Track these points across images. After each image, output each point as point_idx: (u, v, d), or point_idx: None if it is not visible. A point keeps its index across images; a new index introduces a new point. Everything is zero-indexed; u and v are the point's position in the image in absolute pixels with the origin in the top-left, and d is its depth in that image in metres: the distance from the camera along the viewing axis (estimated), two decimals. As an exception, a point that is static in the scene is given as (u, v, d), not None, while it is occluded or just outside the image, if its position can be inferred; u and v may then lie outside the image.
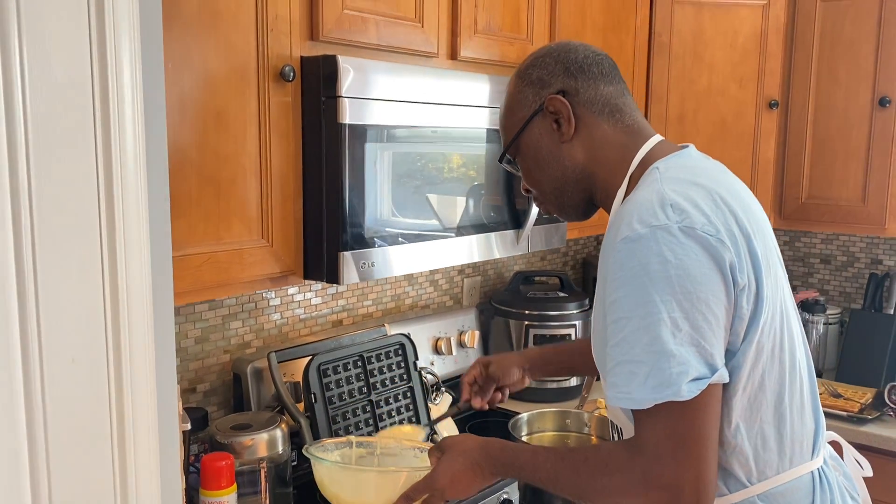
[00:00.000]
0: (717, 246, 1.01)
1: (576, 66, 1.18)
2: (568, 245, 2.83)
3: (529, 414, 1.94)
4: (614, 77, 1.20)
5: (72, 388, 0.64)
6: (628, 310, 1.01)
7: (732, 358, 1.05)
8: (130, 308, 0.71)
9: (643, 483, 1.02)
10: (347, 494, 1.26)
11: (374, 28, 1.54)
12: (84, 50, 0.65)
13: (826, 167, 2.44)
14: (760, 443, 1.09)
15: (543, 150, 1.20)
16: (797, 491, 1.12)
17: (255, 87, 1.36)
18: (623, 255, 1.02)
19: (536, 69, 1.20)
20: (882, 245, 2.72)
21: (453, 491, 1.18)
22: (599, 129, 1.18)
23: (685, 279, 0.99)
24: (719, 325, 1.01)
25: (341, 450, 1.38)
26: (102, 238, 0.68)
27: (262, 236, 1.41)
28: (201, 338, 1.72)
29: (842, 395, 2.33)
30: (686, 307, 0.99)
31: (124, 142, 0.69)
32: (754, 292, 1.05)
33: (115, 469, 0.70)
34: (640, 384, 1.00)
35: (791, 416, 1.11)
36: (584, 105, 1.17)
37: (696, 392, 0.98)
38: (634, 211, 1.04)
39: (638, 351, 1.00)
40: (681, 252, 0.99)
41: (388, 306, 2.17)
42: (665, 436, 1.00)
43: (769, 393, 1.09)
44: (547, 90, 1.18)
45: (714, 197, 1.06)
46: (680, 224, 1.00)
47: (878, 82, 2.32)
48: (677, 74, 2.42)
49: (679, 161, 1.14)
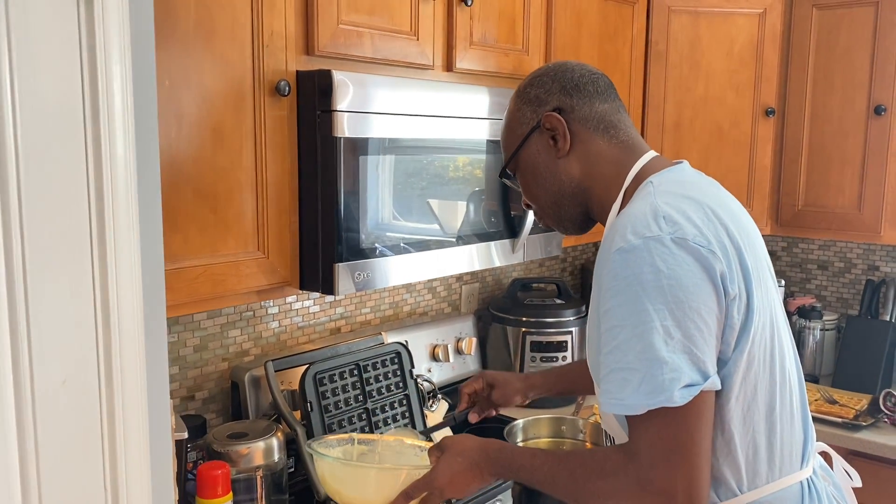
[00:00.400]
0: (708, 257, 1.03)
1: (571, 85, 1.22)
2: (566, 252, 2.85)
3: (525, 420, 1.96)
4: (609, 95, 1.24)
5: (63, 409, 0.66)
6: (622, 318, 1.04)
7: (724, 366, 1.07)
8: (122, 327, 0.73)
9: (637, 487, 1.04)
10: (348, 490, 1.28)
11: (369, 41, 1.56)
12: (75, 68, 0.67)
13: (822, 174, 2.46)
14: (752, 451, 1.11)
15: (541, 165, 1.24)
16: (786, 500, 1.13)
17: (251, 102, 1.39)
18: (617, 266, 1.05)
19: (534, 88, 1.25)
20: (879, 252, 2.73)
21: (451, 490, 1.22)
22: (594, 145, 1.21)
23: (677, 288, 1.01)
24: (710, 333, 1.04)
25: (343, 446, 1.41)
26: (94, 257, 0.70)
27: (258, 248, 1.43)
28: (200, 346, 1.75)
29: (837, 402, 2.34)
30: (678, 316, 1.01)
31: (114, 158, 0.71)
32: (745, 303, 1.07)
33: (107, 487, 0.72)
34: (634, 390, 1.02)
35: (781, 426, 1.13)
36: (579, 122, 1.21)
37: (688, 398, 1.00)
38: (629, 223, 1.07)
39: (631, 358, 1.02)
40: (673, 262, 1.02)
41: (386, 314, 2.19)
42: (658, 441, 1.03)
43: (761, 403, 1.11)
44: (543, 108, 1.23)
45: (706, 210, 1.09)
46: (672, 235, 1.03)
47: (873, 90, 2.34)
48: (674, 83, 2.44)
49: (672, 176, 1.17)
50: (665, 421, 1.02)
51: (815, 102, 2.44)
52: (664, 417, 1.02)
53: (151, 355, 0.82)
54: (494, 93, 1.78)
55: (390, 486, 1.24)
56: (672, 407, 1.01)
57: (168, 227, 1.30)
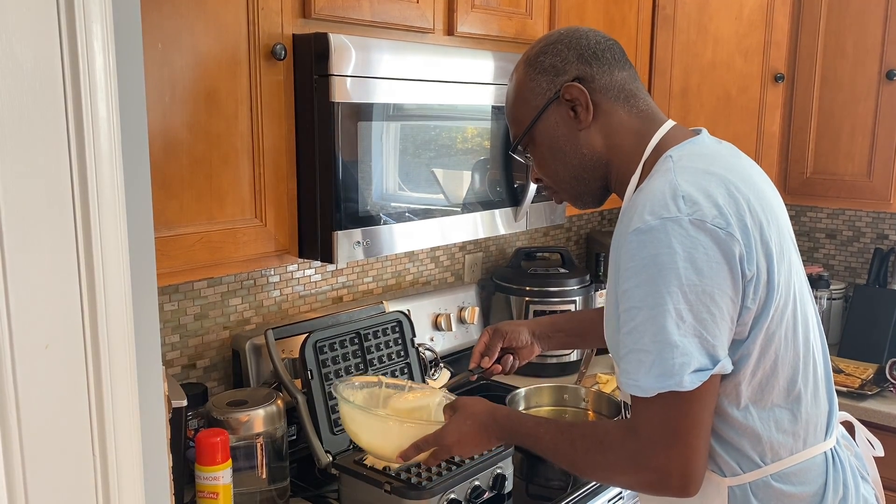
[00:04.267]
0: (726, 239, 1.02)
1: (589, 53, 1.18)
2: (571, 221, 2.82)
3: (527, 389, 1.96)
4: (625, 63, 1.21)
5: (46, 375, 0.65)
6: (638, 300, 1.04)
7: (741, 346, 1.08)
8: (108, 291, 0.71)
9: (633, 463, 1.06)
10: (364, 435, 1.36)
11: (367, 4, 1.53)
12: (52, 26, 0.65)
13: (831, 141, 2.41)
14: (774, 425, 1.12)
15: (560, 138, 1.20)
16: (810, 471, 1.14)
17: (247, 67, 1.36)
18: (634, 246, 1.04)
19: (549, 56, 1.19)
20: (888, 220, 2.69)
21: (459, 449, 1.26)
22: (616, 116, 1.18)
23: (692, 272, 1.01)
24: (723, 317, 1.03)
25: (370, 388, 1.46)
26: (76, 219, 0.68)
27: (256, 216, 1.42)
28: (200, 315, 1.74)
29: (843, 371, 2.32)
30: (691, 299, 1.01)
31: (97, 120, 0.69)
32: (765, 281, 1.06)
33: (96, 454, 0.71)
34: (646, 373, 1.03)
35: (805, 399, 1.14)
36: (600, 91, 1.17)
37: (697, 383, 1.01)
38: (647, 202, 1.05)
39: (646, 340, 1.03)
40: (689, 245, 1.01)
41: (388, 283, 2.18)
42: (660, 422, 1.04)
43: (781, 378, 1.11)
44: (562, 77, 1.18)
45: (728, 186, 1.07)
46: (691, 217, 1.02)
47: (885, 55, 2.28)
48: (681, 48, 2.39)
49: (693, 149, 1.14)
50: (668, 403, 1.03)
51: (825, 67, 2.39)
52: (668, 400, 1.03)
53: (141, 320, 0.81)
54: (499, 57, 1.74)
55: (404, 436, 1.30)
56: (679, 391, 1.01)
57: (163, 193, 1.28)
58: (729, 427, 1.11)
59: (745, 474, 1.12)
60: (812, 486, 1.14)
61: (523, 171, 1.85)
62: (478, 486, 1.54)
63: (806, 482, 1.13)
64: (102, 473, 0.72)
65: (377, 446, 1.35)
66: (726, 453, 1.12)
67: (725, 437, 1.12)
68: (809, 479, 1.14)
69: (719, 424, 1.11)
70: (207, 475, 1.35)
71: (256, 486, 1.51)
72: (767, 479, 1.12)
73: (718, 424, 1.11)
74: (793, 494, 1.12)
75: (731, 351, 1.07)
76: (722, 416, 1.10)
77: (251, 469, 1.50)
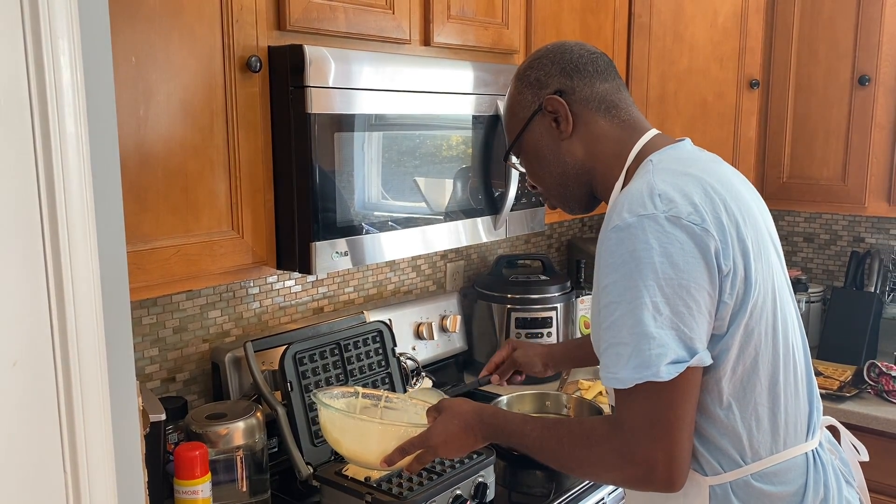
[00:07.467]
0: (701, 235, 1.05)
1: (571, 66, 1.24)
2: (552, 228, 2.83)
3: (509, 396, 1.96)
4: (609, 74, 1.25)
5: (15, 392, 0.64)
6: (617, 295, 1.06)
7: (720, 341, 1.09)
8: (78, 307, 0.71)
9: (619, 458, 1.08)
10: (347, 441, 1.34)
11: (342, 16, 1.53)
12: (17, 42, 0.65)
13: (807, 146, 2.44)
14: (755, 423, 1.13)
15: (544, 148, 1.26)
16: (790, 471, 1.15)
17: (222, 79, 1.36)
18: (613, 243, 1.07)
19: (534, 70, 1.26)
20: (864, 223, 2.72)
21: (445, 450, 1.26)
22: (597, 126, 1.23)
23: (668, 266, 1.04)
24: (700, 310, 1.05)
25: (347, 399, 1.46)
26: (45, 235, 0.68)
27: (233, 228, 1.41)
28: (179, 328, 1.73)
29: (822, 373, 2.34)
30: (668, 293, 1.04)
31: (65, 135, 0.69)
32: (742, 278, 1.08)
33: (67, 472, 0.71)
34: (624, 365, 1.05)
35: (785, 398, 1.15)
36: (580, 103, 1.23)
37: (674, 374, 1.03)
38: (626, 201, 1.09)
39: (624, 333, 1.05)
40: (665, 240, 1.04)
41: (369, 292, 2.18)
42: (642, 415, 1.06)
43: (762, 375, 1.13)
44: (545, 90, 1.24)
45: (705, 187, 1.11)
46: (667, 213, 1.05)
47: (857, 61, 2.32)
48: (657, 55, 2.41)
49: (673, 153, 1.19)
50: (649, 395, 1.05)
51: (799, 73, 2.43)
52: (649, 392, 1.04)
53: (114, 335, 0.80)
54: (478, 67, 1.75)
55: (388, 440, 1.29)
56: (657, 382, 1.03)
57: (138, 206, 1.28)
58: (711, 425, 1.12)
59: (725, 473, 1.13)
60: (792, 485, 1.15)
61: (502, 179, 1.86)
62: (459, 494, 1.54)
63: (786, 482, 1.15)
64: (74, 490, 0.72)
65: (359, 452, 1.34)
66: (708, 452, 1.13)
67: (707, 435, 1.13)
68: (789, 479, 1.15)
69: (702, 423, 1.12)
70: (186, 489, 1.35)
71: (237, 499, 1.50)
72: (748, 478, 1.13)
73: (701, 423, 1.12)
74: (773, 494, 1.13)
75: (711, 345, 1.09)
76: (705, 414, 1.12)
77: (231, 482, 1.49)
